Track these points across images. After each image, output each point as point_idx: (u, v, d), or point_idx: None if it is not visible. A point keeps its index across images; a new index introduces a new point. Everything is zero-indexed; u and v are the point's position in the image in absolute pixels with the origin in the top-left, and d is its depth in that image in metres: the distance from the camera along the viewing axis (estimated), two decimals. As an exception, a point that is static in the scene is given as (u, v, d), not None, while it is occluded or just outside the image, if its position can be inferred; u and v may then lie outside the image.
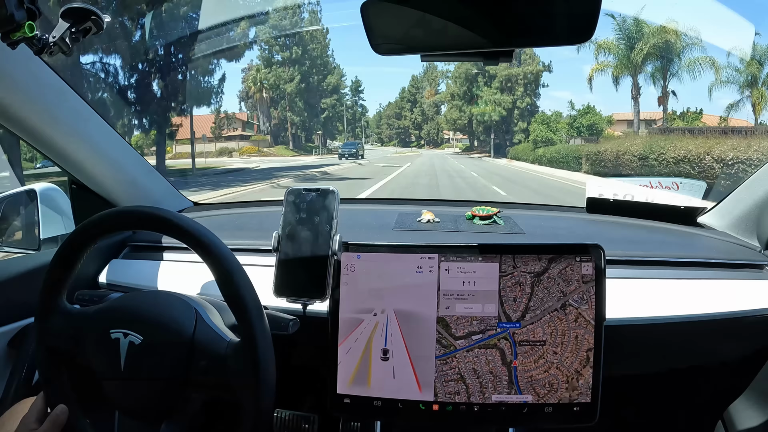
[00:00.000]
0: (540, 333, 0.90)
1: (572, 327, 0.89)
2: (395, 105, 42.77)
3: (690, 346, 1.12)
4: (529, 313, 0.90)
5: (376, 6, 0.77)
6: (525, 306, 0.90)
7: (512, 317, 0.90)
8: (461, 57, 0.85)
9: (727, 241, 1.27)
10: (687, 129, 17.63)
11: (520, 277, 0.90)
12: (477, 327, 0.90)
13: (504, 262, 0.90)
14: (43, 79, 1.04)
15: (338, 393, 0.92)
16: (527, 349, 0.90)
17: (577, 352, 0.89)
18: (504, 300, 0.90)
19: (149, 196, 1.39)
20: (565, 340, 0.89)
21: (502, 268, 0.90)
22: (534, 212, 1.63)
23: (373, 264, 0.92)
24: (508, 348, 0.90)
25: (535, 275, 0.90)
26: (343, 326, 0.92)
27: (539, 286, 0.90)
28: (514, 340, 0.90)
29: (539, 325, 0.90)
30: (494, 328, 0.90)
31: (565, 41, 0.78)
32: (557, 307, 0.90)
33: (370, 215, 1.55)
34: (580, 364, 0.89)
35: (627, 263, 1.13)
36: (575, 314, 0.89)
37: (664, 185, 1.46)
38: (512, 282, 0.90)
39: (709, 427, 1.25)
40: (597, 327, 0.89)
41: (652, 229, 1.39)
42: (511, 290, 0.90)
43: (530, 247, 0.91)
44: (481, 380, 0.90)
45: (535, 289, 0.90)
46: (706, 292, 1.08)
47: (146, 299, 0.86)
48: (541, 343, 0.90)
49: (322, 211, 0.91)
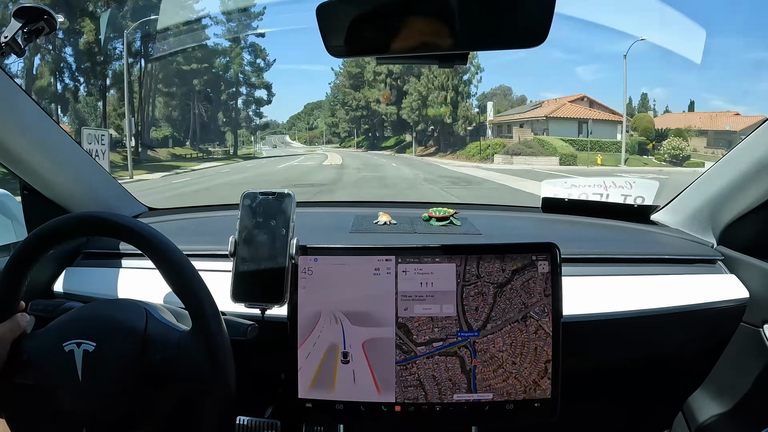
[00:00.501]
0: (500, 343, 0.91)
1: (532, 339, 0.91)
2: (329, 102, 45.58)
3: (647, 340, 1.15)
4: (491, 323, 0.91)
5: (331, 8, 0.76)
6: (487, 316, 0.91)
7: (473, 326, 0.90)
8: (416, 60, 0.86)
9: (680, 237, 1.32)
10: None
11: (483, 287, 0.91)
12: (438, 334, 0.90)
13: (467, 272, 0.91)
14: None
15: (300, 398, 0.91)
16: (487, 359, 0.91)
17: (536, 363, 0.91)
18: (466, 309, 0.90)
19: (103, 201, 1.35)
20: (525, 352, 0.91)
21: (466, 277, 0.91)
22: (490, 213, 1.66)
23: (330, 267, 0.91)
24: (468, 356, 0.90)
25: (498, 286, 0.91)
26: (303, 330, 0.91)
27: (502, 297, 0.91)
28: (474, 349, 0.90)
29: (500, 336, 0.91)
30: (455, 336, 0.90)
31: (519, 45, 0.79)
32: (518, 318, 0.91)
33: (327, 218, 1.54)
34: (539, 375, 0.91)
35: (583, 261, 1.15)
36: (535, 326, 0.91)
37: (618, 184, 1.50)
38: (475, 291, 0.91)
39: (669, 418, 1.29)
40: (555, 325, 0.91)
41: (606, 227, 1.42)
42: (474, 299, 0.91)
43: (487, 247, 0.92)
44: (440, 387, 0.90)
45: (497, 300, 0.91)
46: (661, 287, 1.12)
47: (95, 307, 0.84)
48: (500, 353, 0.91)
49: (279, 214, 0.90)
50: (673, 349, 1.19)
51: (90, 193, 1.31)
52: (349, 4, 0.77)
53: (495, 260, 0.91)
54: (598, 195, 1.51)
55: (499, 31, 0.76)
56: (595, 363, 1.17)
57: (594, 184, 1.53)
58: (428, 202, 1.52)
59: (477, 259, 0.91)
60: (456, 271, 0.91)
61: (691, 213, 1.32)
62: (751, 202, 1.14)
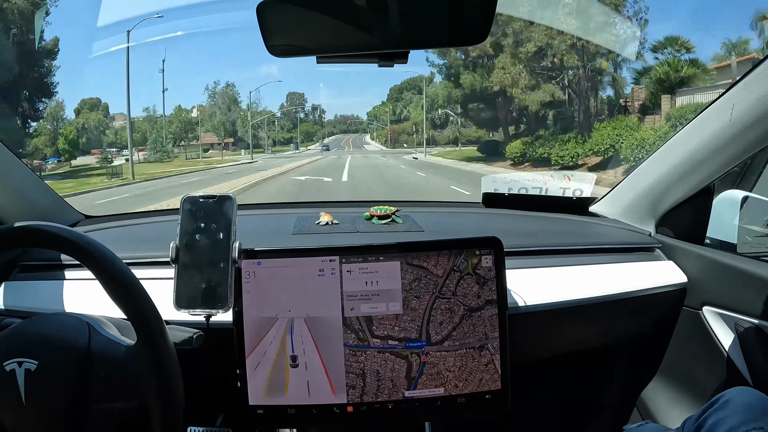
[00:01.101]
0: (450, 363, 0.92)
1: (481, 370, 0.93)
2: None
3: (593, 328, 1.20)
4: (449, 341, 0.92)
5: (272, 7, 0.76)
6: (448, 333, 0.92)
7: (432, 338, 0.91)
8: (357, 59, 0.86)
9: (618, 227, 1.37)
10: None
11: (454, 306, 0.92)
12: (397, 334, 0.91)
13: (446, 285, 0.92)
14: None
15: (251, 404, 0.90)
16: (433, 373, 0.92)
17: (476, 391, 0.93)
18: (432, 320, 0.91)
19: (38, 210, 1.28)
20: (470, 379, 0.92)
21: (442, 290, 0.92)
22: (432, 209, 1.67)
23: (274, 270, 0.90)
24: (416, 364, 0.91)
25: (469, 309, 0.92)
26: (250, 336, 0.89)
27: (468, 320, 0.92)
28: (425, 360, 0.91)
29: (452, 356, 0.92)
30: (412, 340, 0.91)
31: (459, 42, 0.81)
32: (476, 345, 0.92)
33: (269, 220, 1.52)
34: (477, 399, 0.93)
35: (525, 254, 1.19)
36: (488, 359, 0.93)
37: (557, 178, 1.54)
38: (446, 307, 0.92)
39: (627, 409, 1.33)
40: (501, 317, 0.93)
41: (547, 220, 1.47)
42: (442, 314, 0.92)
43: (429, 244, 0.93)
44: (379, 384, 0.91)
45: (463, 322, 0.92)
46: (602, 275, 1.16)
47: (35, 324, 0.80)
48: (447, 372, 0.92)
49: (220, 218, 0.88)
50: (620, 337, 1.25)
51: (23, 201, 1.24)
52: (289, 4, 0.76)
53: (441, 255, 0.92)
54: (537, 189, 1.56)
55: (441, 28, 0.77)
56: (544, 353, 1.21)
57: (533, 178, 1.57)
58: (369, 201, 1.51)
59: (458, 277, 0.92)
60: (434, 280, 0.92)
61: (628, 203, 1.38)
62: (685, 192, 1.20)
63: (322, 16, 0.77)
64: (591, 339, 1.22)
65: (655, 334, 1.24)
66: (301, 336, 0.90)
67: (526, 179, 1.57)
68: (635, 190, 1.35)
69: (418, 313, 0.91)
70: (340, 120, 47.38)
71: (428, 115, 32.31)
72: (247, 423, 0.91)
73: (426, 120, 31.61)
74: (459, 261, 0.92)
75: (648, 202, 1.30)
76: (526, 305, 1.06)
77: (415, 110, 36.38)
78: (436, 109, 30.50)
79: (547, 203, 1.53)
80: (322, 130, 44.90)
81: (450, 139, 30.02)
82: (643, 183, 1.30)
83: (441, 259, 0.92)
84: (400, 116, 38.43)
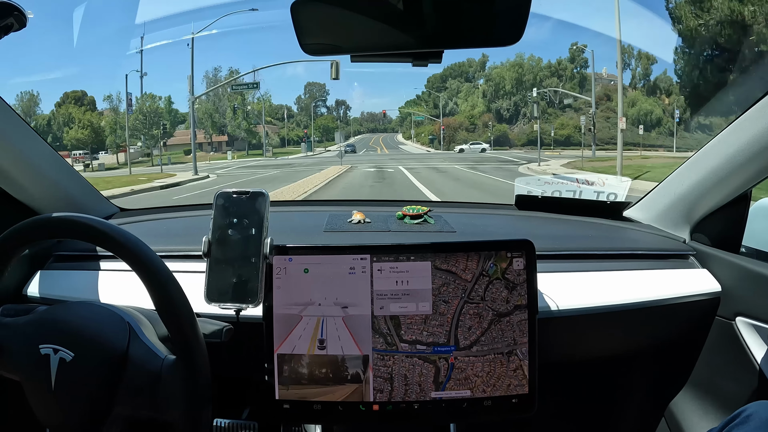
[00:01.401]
0: (478, 368, 0.91)
1: (509, 375, 0.91)
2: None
3: (622, 335, 1.17)
4: (477, 346, 0.91)
5: (306, 6, 0.76)
6: (476, 338, 0.91)
7: (460, 343, 0.91)
8: (390, 58, 0.86)
9: (652, 233, 1.34)
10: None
11: (483, 310, 0.91)
12: (425, 338, 0.90)
13: (474, 290, 0.91)
14: None
15: (277, 399, 0.90)
16: (461, 378, 0.91)
17: (504, 395, 0.92)
18: (460, 324, 0.90)
19: (74, 202, 1.32)
20: (497, 384, 0.91)
21: (471, 295, 0.91)
22: (465, 210, 1.67)
23: (305, 266, 0.91)
24: (444, 369, 0.91)
25: (497, 314, 0.91)
26: (279, 331, 0.90)
27: (497, 326, 0.91)
28: (453, 365, 0.91)
29: (480, 361, 0.91)
30: (440, 345, 0.91)
31: (494, 43, 0.80)
32: (504, 351, 0.91)
33: (301, 217, 1.54)
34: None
35: (557, 257, 1.17)
36: (516, 364, 0.91)
37: (591, 181, 1.52)
38: (474, 311, 0.91)
39: (652, 422, 1.30)
40: (531, 321, 0.91)
41: (579, 224, 1.45)
42: (471, 318, 0.91)
43: (461, 245, 0.92)
44: (407, 388, 0.90)
45: (492, 327, 0.91)
46: (634, 282, 1.14)
47: (77, 312, 0.82)
48: (475, 378, 0.91)
49: (253, 214, 0.89)
50: (649, 345, 1.22)
51: (60, 194, 1.28)
52: (323, 3, 0.77)
53: (471, 257, 0.91)
54: (571, 192, 1.54)
55: (475, 28, 0.76)
56: (571, 358, 1.19)
57: (567, 181, 1.55)
58: (402, 200, 1.52)
59: (487, 282, 0.91)
60: (462, 285, 0.91)
61: (663, 209, 1.35)
62: (722, 198, 1.16)
63: (356, 15, 0.78)
64: (620, 346, 1.20)
65: (685, 343, 1.20)
66: (329, 332, 0.90)
67: (560, 181, 1.56)
68: (670, 196, 1.31)
69: (447, 317, 0.90)
70: (368, 117, 43.62)
71: (492, 105, 26.22)
72: (273, 417, 0.92)
73: (490, 111, 25.56)
74: (488, 265, 0.91)
75: (683, 207, 1.27)
76: (556, 310, 1.05)
77: (465, 102, 29.56)
78: (503, 97, 24.97)
79: (581, 207, 1.51)
80: (346, 127, 40.72)
81: (527, 138, 23.29)
82: (679, 188, 1.27)
83: (470, 263, 0.91)
84: (444, 109, 30.88)
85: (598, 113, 21.65)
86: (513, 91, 24.24)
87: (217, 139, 26.39)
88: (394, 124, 41.92)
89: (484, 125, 26.17)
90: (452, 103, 30.29)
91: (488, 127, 25.35)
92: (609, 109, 24.39)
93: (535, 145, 21.25)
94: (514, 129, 24.02)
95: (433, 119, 31.22)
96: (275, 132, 31.88)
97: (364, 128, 43.96)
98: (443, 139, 26.76)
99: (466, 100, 28.89)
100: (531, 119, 22.33)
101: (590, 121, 19.91)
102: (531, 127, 23.04)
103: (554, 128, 23.59)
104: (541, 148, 20.82)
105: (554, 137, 22.96)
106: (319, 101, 38.89)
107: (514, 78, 23.68)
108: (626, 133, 18.93)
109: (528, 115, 22.59)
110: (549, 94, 22.68)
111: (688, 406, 1.21)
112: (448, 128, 27.07)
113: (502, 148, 23.35)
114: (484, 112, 25.74)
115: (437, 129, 28.67)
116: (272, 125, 31.89)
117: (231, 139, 27.28)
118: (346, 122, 41.48)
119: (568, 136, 21.19)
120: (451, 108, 30.27)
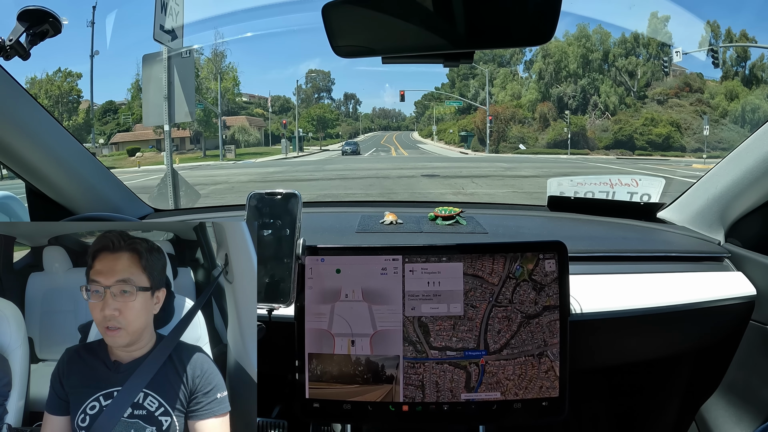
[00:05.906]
0: (509, 371, 0.90)
1: (540, 377, 0.91)
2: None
3: (655, 338, 1.15)
4: (507, 349, 0.90)
5: (337, 8, 0.77)
6: (506, 341, 0.90)
7: (490, 347, 0.90)
8: (422, 59, 0.86)
9: (686, 235, 1.32)
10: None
11: (511, 313, 0.90)
12: (455, 344, 0.90)
13: (501, 293, 0.90)
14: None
15: (307, 398, 0.91)
16: (492, 382, 0.90)
17: (537, 398, 0.91)
18: (489, 329, 0.90)
19: (108, 202, 1.35)
20: (530, 387, 0.91)
21: (498, 299, 0.90)
22: (496, 212, 1.66)
23: (336, 267, 0.91)
24: (475, 374, 0.90)
25: (526, 316, 0.91)
26: (310, 330, 0.91)
27: (526, 328, 0.90)
28: (484, 369, 0.90)
29: (511, 365, 0.90)
30: (470, 350, 0.90)
31: (525, 42, 0.80)
32: (535, 353, 0.91)
33: (333, 218, 1.54)
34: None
35: (590, 259, 1.15)
36: (548, 366, 0.91)
37: (624, 182, 1.50)
38: (503, 315, 0.90)
39: (683, 426, 1.28)
40: (562, 323, 0.90)
41: (613, 225, 1.42)
42: (500, 322, 0.90)
43: (493, 246, 0.92)
44: (438, 393, 0.90)
45: (521, 329, 0.90)
46: (668, 284, 1.12)
47: None
48: (507, 381, 0.91)
49: (285, 214, 0.90)
50: (681, 348, 1.19)
51: (94, 194, 1.32)
52: (354, 5, 0.77)
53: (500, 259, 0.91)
54: (604, 193, 1.52)
55: (506, 28, 0.76)
56: (602, 361, 1.17)
57: (600, 182, 1.53)
58: (434, 202, 1.52)
59: (514, 284, 0.91)
60: (490, 288, 0.91)
61: (698, 210, 1.32)
62: (757, 199, 1.13)
63: (387, 16, 0.78)
64: (652, 349, 1.18)
65: (718, 347, 1.18)
66: (360, 333, 0.90)
67: (593, 182, 1.54)
68: (705, 197, 1.29)
69: (475, 322, 0.90)
70: (380, 114, 40.30)
71: (552, 90, 18.42)
72: (303, 416, 0.93)
73: (549, 99, 17.40)
74: (514, 268, 0.90)
75: (718, 209, 1.24)
76: (587, 312, 1.03)
77: (503, 90, 22.96)
78: (565, 79, 17.31)
79: (614, 208, 1.49)
80: (355, 123, 36.82)
81: (613, 137, 15.59)
82: (714, 189, 1.24)
83: (496, 266, 0.90)
84: (476, 99, 24.69)
85: (688, 108, 17.08)
86: (579, 72, 18.00)
87: (178, 135, 20.52)
88: (408, 122, 38.28)
89: (542, 118, 19.11)
90: (483, 92, 24.20)
91: (547, 121, 18.01)
92: (700, 101, 18.66)
93: (623, 147, 15.61)
94: (589, 124, 17.31)
95: (471, 105, 23.32)
96: (257, 126, 25.81)
97: (375, 125, 40.61)
98: (489, 135, 19.43)
99: (504, 88, 23.00)
100: (604, 112, 16.46)
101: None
102: (606, 122, 16.81)
103: (641, 125, 17.17)
104: (635, 152, 15.60)
105: (646, 138, 16.66)
106: (323, 92, 34.28)
107: (580, 55, 17.43)
108: (732, 134, 15.41)
109: (600, 106, 16.96)
110: (625, 79, 16.17)
111: (720, 412, 1.19)
112: (496, 120, 19.31)
113: (580, 151, 16.99)
114: (539, 101, 18.91)
115: (472, 122, 21.65)
116: (255, 117, 26.13)
117: (196, 135, 21.60)
118: (356, 118, 37.56)
119: (667, 137, 15.57)
120: (482, 99, 24.21)
